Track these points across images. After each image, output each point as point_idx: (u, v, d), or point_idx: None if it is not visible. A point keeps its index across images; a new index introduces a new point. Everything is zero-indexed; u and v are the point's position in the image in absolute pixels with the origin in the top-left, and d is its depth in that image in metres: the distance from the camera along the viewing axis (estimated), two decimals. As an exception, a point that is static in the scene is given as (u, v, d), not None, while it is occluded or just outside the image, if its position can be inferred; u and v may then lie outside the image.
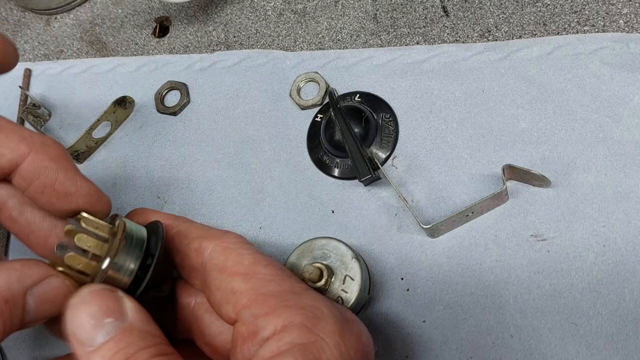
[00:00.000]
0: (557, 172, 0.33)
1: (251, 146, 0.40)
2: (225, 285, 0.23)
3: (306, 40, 0.43)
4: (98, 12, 0.52)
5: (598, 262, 0.30)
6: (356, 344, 0.22)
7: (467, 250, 0.32)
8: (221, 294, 0.24)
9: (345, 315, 0.24)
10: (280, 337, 0.21)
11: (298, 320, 0.22)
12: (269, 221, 0.37)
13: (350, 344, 0.22)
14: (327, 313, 0.23)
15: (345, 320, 0.23)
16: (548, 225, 0.32)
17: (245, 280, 0.23)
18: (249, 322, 0.22)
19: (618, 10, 0.36)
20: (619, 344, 0.28)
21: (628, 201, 0.31)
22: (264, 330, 0.22)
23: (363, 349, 0.23)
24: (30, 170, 0.25)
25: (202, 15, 0.48)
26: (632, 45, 0.35)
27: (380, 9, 0.42)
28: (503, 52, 0.37)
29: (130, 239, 0.25)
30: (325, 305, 0.23)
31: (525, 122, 0.34)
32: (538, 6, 0.38)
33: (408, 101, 0.38)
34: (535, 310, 0.30)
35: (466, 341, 0.30)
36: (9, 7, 0.56)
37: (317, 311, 0.22)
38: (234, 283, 0.23)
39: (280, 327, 0.22)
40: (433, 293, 0.32)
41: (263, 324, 0.22)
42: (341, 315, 0.23)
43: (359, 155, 0.34)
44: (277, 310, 0.22)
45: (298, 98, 0.40)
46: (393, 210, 0.35)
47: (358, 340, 0.23)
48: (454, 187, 0.34)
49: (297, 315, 0.22)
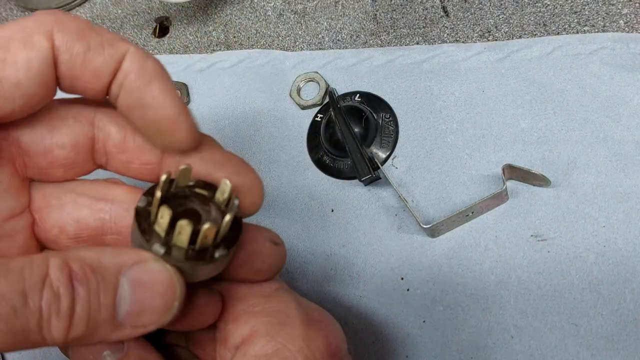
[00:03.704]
0: (557, 172, 0.32)
1: (251, 146, 0.40)
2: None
3: (306, 40, 0.43)
4: (97, 13, 0.52)
5: (598, 263, 0.30)
6: (323, 345, 0.23)
7: (467, 251, 0.32)
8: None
9: (313, 316, 0.24)
10: (245, 350, 0.22)
11: (263, 329, 0.22)
12: (268, 221, 0.37)
13: (315, 346, 0.22)
14: (293, 317, 0.23)
15: (312, 322, 0.23)
16: (548, 226, 0.32)
17: (218, 283, 0.24)
18: (220, 328, 0.23)
19: (618, 10, 0.36)
20: (619, 344, 0.28)
21: (628, 201, 0.31)
22: (232, 337, 0.23)
23: (330, 349, 0.23)
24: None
25: (202, 15, 0.48)
26: (632, 45, 0.34)
27: (380, 9, 0.42)
28: (503, 52, 0.37)
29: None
30: (292, 307, 0.23)
31: (525, 122, 0.34)
32: (538, 6, 0.38)
33: (408, 101, 0.37)
34: (535, 311, 0.30)
35: (466, 342, 0.30)
36: (8, 7, 0.56)
37: (282, 316, 0.23)
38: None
39: (246, 334, 0.22)
40: (433, 293, 0.32)
41: (231, 331, 0.23)
42: (308, 317, 0.23)
43: (359, 155, 0.34)
44: (243, 316, 0.23)
45: (298, 98, 0.40)
46: (393, 210, 0.35)
47: (325, 340, 0.23)
48: (454, 187, 0.34)
49: (262, 323, 0.22)
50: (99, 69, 0.21)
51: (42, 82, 0.20)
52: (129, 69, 0.21)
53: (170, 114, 0.21)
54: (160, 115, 0.21)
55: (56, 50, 0.20)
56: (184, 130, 0.21)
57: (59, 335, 0.17)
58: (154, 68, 0.22)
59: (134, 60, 0.21)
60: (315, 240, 0.35)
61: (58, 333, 0.17)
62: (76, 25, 0.21)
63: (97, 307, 0.18)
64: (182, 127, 0.21)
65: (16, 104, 0.20)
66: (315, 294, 0.34)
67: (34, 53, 0.20)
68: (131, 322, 0.19)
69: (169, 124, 0.21)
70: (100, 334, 0.19)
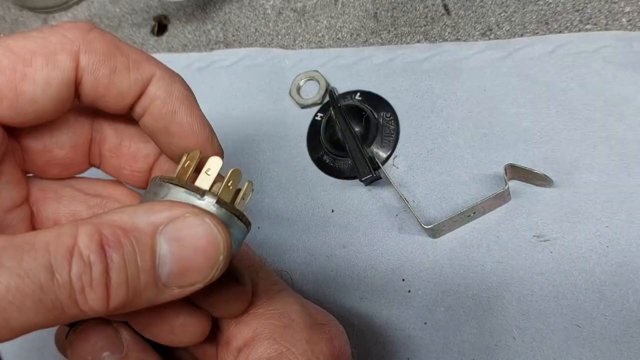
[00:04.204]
0: (560, 172, 0.32)
1: (250, 145, 0.39)
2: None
3: (306, 38, 0.43)
4: (95, 11, 0.51)
5: (601, 263, 0.30)
6: (327, 349, 0.22)
7: (469, 251, 0.32)
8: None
9: (317, 319, 0.24)
10: (248, 353, 0.22)
11: (266, 331, 0.22)
12: (268, 222, 0.36)
13: (319, 349, 0.22)
14: (297, 319, 0.23)
15: (316, 325, 0.23)
16: (551, 226, 0.31)
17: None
18: (223, 330, 0.23)
19: (620, 8, 0.36)
20: (622, 345, 0.28)
21: (632, 201, 0.31)
22: (235, 340, 0.22)
23: (334, 353, 0.23)
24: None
25: (201, 13, 0.47)
26: (635, 44, 0.34)
27: (381, 7, 0.42)
28: (505, 50, 0.36)
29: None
30: (295, 310, 0.23)
31: (527, 122, 0.34)
32: (540, 4, 0.38)
33: (409, 100, 0.37)
34: (538, 312, 0.30)
35: (468, 343, 0.30)
36: (6, 5, 0.55)
37: (286, 319, 0.23)
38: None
39: (249, 337, 0.22)
40: (434, 294, 0.32)
41: (234, 333, 0.23)
42: (312, 320, 0.23)
43: (359, 155, 0.34)
44: (246, 318, 0.23)
45: (298, 97, 0.39)
46: (394, 211, 0.34)
47: (329, 344, 0.23)
48: (455, 187, 0.34)
49: (265, 326, 0.22)
50: (123, 92, 0.21)
51: (59, 101, 0.20)
52: (155, 95, 0.21)
53: (196, 143, 0.22)
54: (187, 143, 0.22)
55: (81, 70, 0.20)
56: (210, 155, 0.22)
57: (98, 306, 0.17)
58: (181, 94, 0.22)
59: (160, 87, 0.21)
60: (315, 241, 0.35)
61: (96, 303, 0.17)
62: (103, 45, 0.20)
63: (135, 272, 0.17)
64: (209, 153, 0.22)
65: (27, 118, 0.20)
66: (316, 295, 0.34)
67: (56, 73, 0.20)
68: (176, 282, 0.18)
69: (197, 148, 0.22)
70: (145, 298, 0.18)
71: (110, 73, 0.20)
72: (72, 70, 0.20)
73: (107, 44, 0.21)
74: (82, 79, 0.20)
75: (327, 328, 0.24)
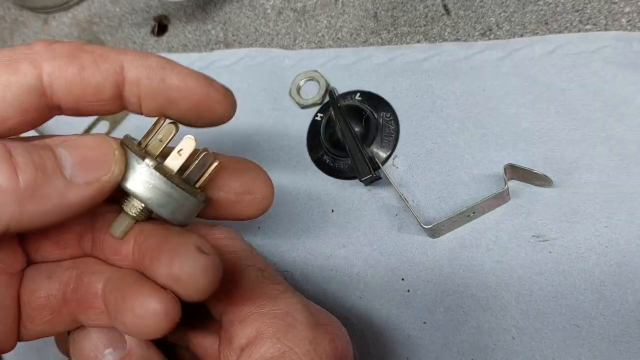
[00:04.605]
0: (559, 172, 0.32)
1: (250, 145, 0.39)
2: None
3: (306, 38, 0.43)
4: (95, 11, 0.51)
5: (600, 263, 0.30)
6: (329, 349, 0.22)
7: (468, 251, 0.32)
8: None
9: (320, 319, 0.24)
10: (251, 352, 0.22)
11: (269, 331, 0.22)
12: (268, 222, 0.36)
13: (322, 349, 0.22)
14: (300, 319, 0.23)
15: (319, 325, 0.23)
16: (550, 226, 0.31)
17: (226, 281, 0.23)
18: (226, 328, 0.23)
19: (620, 8, 0.36)
20: (621, 345, 0.28)
21: (631, 201, 0.31)
22: (238, 339, 0.22)
23: (337, 353, 0.23)
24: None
25: (201, 13, 0.47)
26: (634, 44, 0.34)
27: (381, 7, 0.42)
28: (504, 50, 0.36)
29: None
30: (299, 310, 0.23)
31: (527, 122, 0.34)
32: (539, 5, 0.38)
33: (409, 100, 0.37)
34: (537, 312, 0.30)
35: (467, 343, 0.30)
36: (6, 5, 0.55)
37: (289, 318, 0.23)
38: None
39: (252, 336, 0.22)
40: (434, 294, 0.32)
41: (236, 331, 0.22)
42: (315, 320, 0.23)
43: (359, 155, 0.34)
44: (249, 317, 0.23)
45: (298, 97, 0.39)
46: (393, 211, 0.34)
47: (332, 345, 0.23)
48: (455, 187, 0.34)
49: (268, 325, 0.22)
50: (99, 87, 0.21)
51: (20, 109, 0.20)
52: (136, 76, 0.21)
53: (200, 94, 0.22)
54: (192, 100, 0.22)
55: (48, 77, 0.20)
56: (221, 103, 0.22)
57: (5, 182, 0.18)
58: (158, 62, 0.22)
59: (136, 66, 0.21)
60: (315, 240, 0.35)
61: (4, 179, 0.18)
62: (66, 48, 0.21)
63: (38, 157, 0.19)
64: (215, 99, 0.22)
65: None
66: (316, 295, 0.34)
67: (16, 77, 0.20)
68: (81, 174, 0.19)
69: (204, 102, 0.22)
70: (55, 188, 0.19)
71: (79, 71, 0.21)
72: (34, 76, 0.20)
73: (69, 46, 0.21)
74: (54, 85, 0.21)
75: (330, 328, 0.24)
